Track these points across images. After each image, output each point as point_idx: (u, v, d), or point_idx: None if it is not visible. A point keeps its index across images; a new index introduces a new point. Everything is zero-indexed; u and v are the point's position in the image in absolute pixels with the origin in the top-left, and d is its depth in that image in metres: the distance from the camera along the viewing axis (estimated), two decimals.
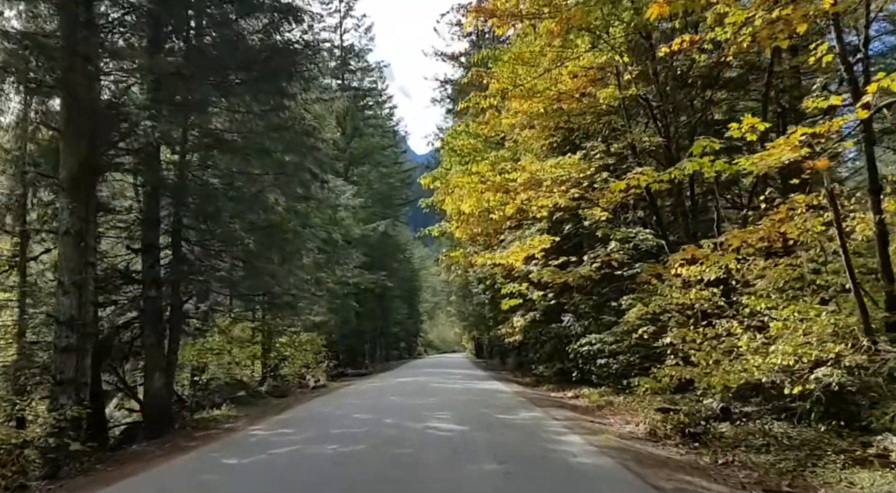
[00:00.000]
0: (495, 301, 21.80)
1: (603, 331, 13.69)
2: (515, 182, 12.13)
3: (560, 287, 16.35)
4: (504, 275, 16.94)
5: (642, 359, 12.49)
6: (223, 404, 14.47)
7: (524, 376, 23.06)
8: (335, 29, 34.22)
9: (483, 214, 13.60)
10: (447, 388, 16.69)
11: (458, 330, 66.10)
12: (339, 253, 22.65)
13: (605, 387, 14.32)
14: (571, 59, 11.25)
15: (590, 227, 14.19)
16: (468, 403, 12.33)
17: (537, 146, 13.77)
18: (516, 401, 12.91)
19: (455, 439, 7.66)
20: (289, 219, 11.70)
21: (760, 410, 9.63)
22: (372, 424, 9.17)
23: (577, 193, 12.04)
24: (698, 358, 8.18)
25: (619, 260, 11.15)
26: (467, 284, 29.04)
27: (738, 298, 9.03)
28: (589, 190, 12.43)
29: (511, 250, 13.14)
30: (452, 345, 78.89)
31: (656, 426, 8.75)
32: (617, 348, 12.50)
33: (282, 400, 16.24)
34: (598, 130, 13.14)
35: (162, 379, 9.98)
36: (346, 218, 24.80)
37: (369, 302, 36.32)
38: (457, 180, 12.39)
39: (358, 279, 26.34)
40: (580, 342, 13.25)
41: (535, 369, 19.36)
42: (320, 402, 14.00)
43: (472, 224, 14.02)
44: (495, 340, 28.16)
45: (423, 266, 66.51)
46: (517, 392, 15.51)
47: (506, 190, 12.33)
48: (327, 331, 26.45)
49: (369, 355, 41.22)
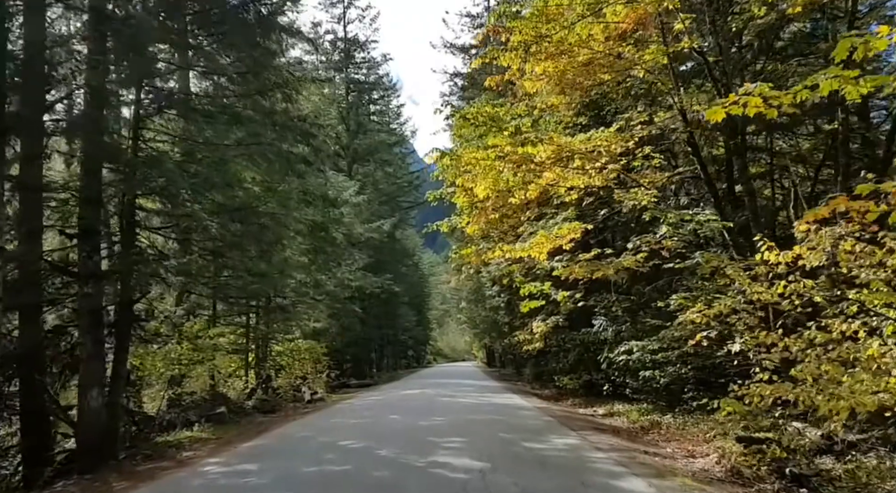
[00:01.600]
0: (511, 305, 19.64)
1: (643, 337, 11.51)
2: (541, 157, 10.04)
3: (587, 286, 14.23)
4: (523, 273, 14.78)
5: (697, 371, 10.29)
6: (198, 422, 12.42)
7: (543, 388, 20.84)
8: (338, 20, 32.39)
9: (500, 198, 11.50)
10: (458, 403, 14.52)
11: (468, 338, 64.03)
12: (339, 253, 20.61)
13: (645, 403, 12.12)
14: (610, 3, 9.15)
15: (628, 213, 12.06)
16: (485, 424, 10.17)
17: (566, 117, 11.68)
18: (542, 421, 10.72)
19: (473, 485, 5.52)
20: (265, 199, 9.61)
21: (868, 438, 7.44)
22: (360, 457, 7.03)
23: (614, 170, 9.92)
24: (804, 373, 5.98)
25: (671, 248, 8.99)
26: (479, 287, 26.90)
27: (844, 291, 6.85)
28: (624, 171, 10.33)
29: (534, 241, 10.99)
30: (462, 353, 76.69)
31: (740, 463, 6.56)
32: (664, 358, 10.31)
33: (268, 417, 14.14)
34: (639, 94, 11.04)
35: (100, 397, 7.91)
36: (347, 215, 22.75)
37: (375, 308, 34.24)
38: (470, 156, 10.30)
39: (361, 282, 24.25)
40: (617, 351, 11.07)
41: (558, 380, 17.14)
42: (308, 421, 11.88)
43: (488, 211, 11.91)
44: (509, 348, 25.94)
45: (432, 272, 64.56)
46: (540, 408, 13.31)
47: (528, 167, 10.24)
48: (329, 338, 24.40)
49: (376, 364, 39.04)
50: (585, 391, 15.86)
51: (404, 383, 26.72)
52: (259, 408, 15.56)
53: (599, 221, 11.99)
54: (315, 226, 17.30)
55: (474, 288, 29.34)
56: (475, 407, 13.41)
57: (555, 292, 13.26)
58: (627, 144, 10.40)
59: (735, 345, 8.39)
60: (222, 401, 14.20)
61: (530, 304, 12.91)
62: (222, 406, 13.45)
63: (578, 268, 11.42)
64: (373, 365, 37.48)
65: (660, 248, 9.07)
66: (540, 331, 15.87)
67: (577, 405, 14.75)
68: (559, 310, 15.40)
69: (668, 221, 8.86)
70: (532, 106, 11.30)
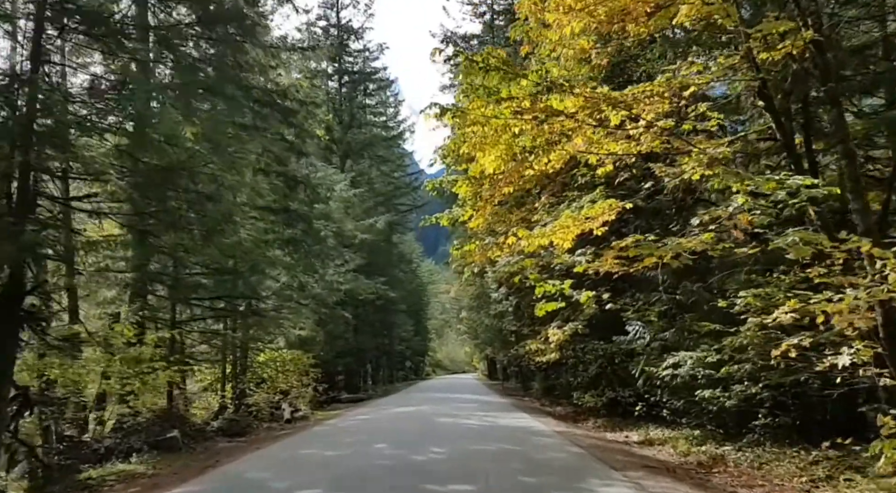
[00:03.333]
0: (521, 309, 17.29)
1: (692, 346, 9.19)
2: (569, 110, 7.77)
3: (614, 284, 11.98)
4: (539, 270, 12.44)
5: (772, 390, 7.96)
6: (141, 451, 10.07)
7: (554, 405, 18.45)
8: (331, 5, 30.23)
9: (514, 172, 9.20)
10: (461, 425, 12.17)
11: (468, 349, 61.59)
12: (325, 251, 18.30)
13: (689, 428, 9.79)
14: None
15: (671, 193, 9.80)
16: (498, 459, 7.83)
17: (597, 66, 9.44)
18: (570, 454, 8.38)
19: None
20: (203, 160, 7.21)
21: None
22: None
23: (664, 127, 7.66)
24: None
25: (750, 226, 6.70)
26: (482, 293, 24.55)
27: None
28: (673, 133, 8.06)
29: (558, 223, 8.66)
30: (462, 365, 74.23)
31: None
32: (728, 373, 7.97)
33: (232, 442, 11.78)
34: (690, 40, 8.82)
35: None
36: (336, 210, 20.48)
37: (369, 316, 31.88)
38: (479, 113, 8.00)
39: (352, 285, 21.91)
40: (664, 364, 8.73)
41: (577, 397, 14.77)
42: (273, 452, 9.51)
43: (496, 192, 9.60)
44: (515, 359, 23.53)
45: (431, 280, 62.21)
46: (560, 433, 10.95)
47: (552, 127, 7.95)
48: (316, 348, 22.01)
49: (372, 376, 36.53)
50: (608, 411, 13.50)
51: (400, 398, 24.31)
52: (225, 431, 13.20)
53: (643, 196, 9.67)
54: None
55: (476, 294, 26.98)
56: (482, 432, 11.04)
57: (577, 292, 10.91)
58: (677, 101, 8.16)
59: (843, 357, 6.19)
60: (177, 423, 11.83)
61: (547, 306, 10.42)
62: (174, 430, 11.08)
63: (611, 259, 9.08)
64: (367, 378, 35.00)
65: (733, 225, 6.75)
66: (556, 339, 13.50)
67: (602, 428, 12.40)
68: (578, 315, 13.08)
69: (745, 188, 6.56)
70: (555, 53, 9.03)
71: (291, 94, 14.79)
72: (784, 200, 6.61)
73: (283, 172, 14.84)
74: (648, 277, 10.06)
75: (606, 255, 9.33)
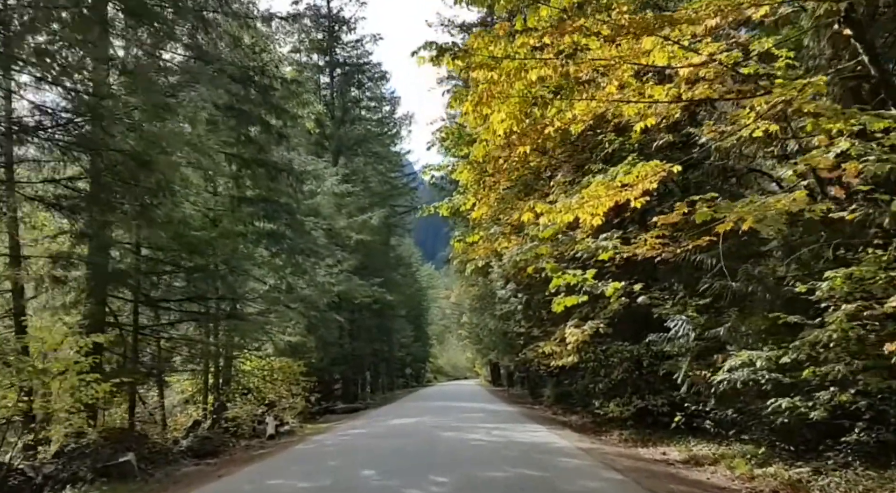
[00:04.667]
0: (531, 307, 15.53)
1: (755, 344, 7.47)
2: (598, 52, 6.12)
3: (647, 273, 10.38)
4: (556, 259, 10.72)
5: (866, 398, 6.24)
6: (84, 479, 8.36)
7: (569, 414, 16.70)
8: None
9: (531, 132, 7.49)
10: (467, 443, 10.43)
11: (470, 354, 59.77)
12: (314, 249, 16.55)
13: (740, 443, 8.09)
14: None
15: (722, 159, 8.14)
16: (514, 491, 6.08)
17: None
18: (611, 483, 6.64)
19: None
20: (130, 107, 5.44)
21: None
22: None
23: (729, 58, 6.00)
24: None
25: (858, 176, 4.99)
26: (486, 292, 22.80)
27: None
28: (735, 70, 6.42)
29: (587, 192, 6.92)
30: (464, 371, 72.50)
31: None
32: (813, 375, 6.25)
33: (198, 466, 10.04)
34: None
35: None
36: (326, 205, 18.78)
37: (367, 321, 30.12)
38: (486, 53, 6.31)
39: (344, 286, 20.16)
40: (727, 366, 7.00)
41: (598, 405, 13.03)
42: (234, 484, 7.75)
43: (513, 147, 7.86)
44: (523, 363, 21.75)
45: (431, 284, 60.55)
46: (587, 451, 9.21)
47: (579, 68, 6.28)
48: (308, 355, 20.27)
49: (370, 384, 34.71)
50: (636, 421, 11.77)
51: (399, 408, 22.53)
52: (196, 451, 11.41)
53: (690, 160, 7.91)
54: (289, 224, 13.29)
55: (479, 294, 25.22)
56: (493, 451, 9.30)
57: (601, 283, 9.17)
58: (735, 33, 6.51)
59: None
60: (134, 444, 10.08)
61: (566, 300, 8.64)
62: (128, 453, 9.33)
63: (651, 239, 7.38)
64: (366, 386, 33.19)
65: (838, 176, 5.05)
66: (575, 340, 11.73)
67: (631, 442, 10.67)
68: (599, 312, 11.36)
69: (852, 128, 4.86)
70: None
71: (271, 70, 13.16)
72: None
73: (261, 159, 13.18)
74: (693, 261, 8.36)
75: (644, 236, 7.64)
